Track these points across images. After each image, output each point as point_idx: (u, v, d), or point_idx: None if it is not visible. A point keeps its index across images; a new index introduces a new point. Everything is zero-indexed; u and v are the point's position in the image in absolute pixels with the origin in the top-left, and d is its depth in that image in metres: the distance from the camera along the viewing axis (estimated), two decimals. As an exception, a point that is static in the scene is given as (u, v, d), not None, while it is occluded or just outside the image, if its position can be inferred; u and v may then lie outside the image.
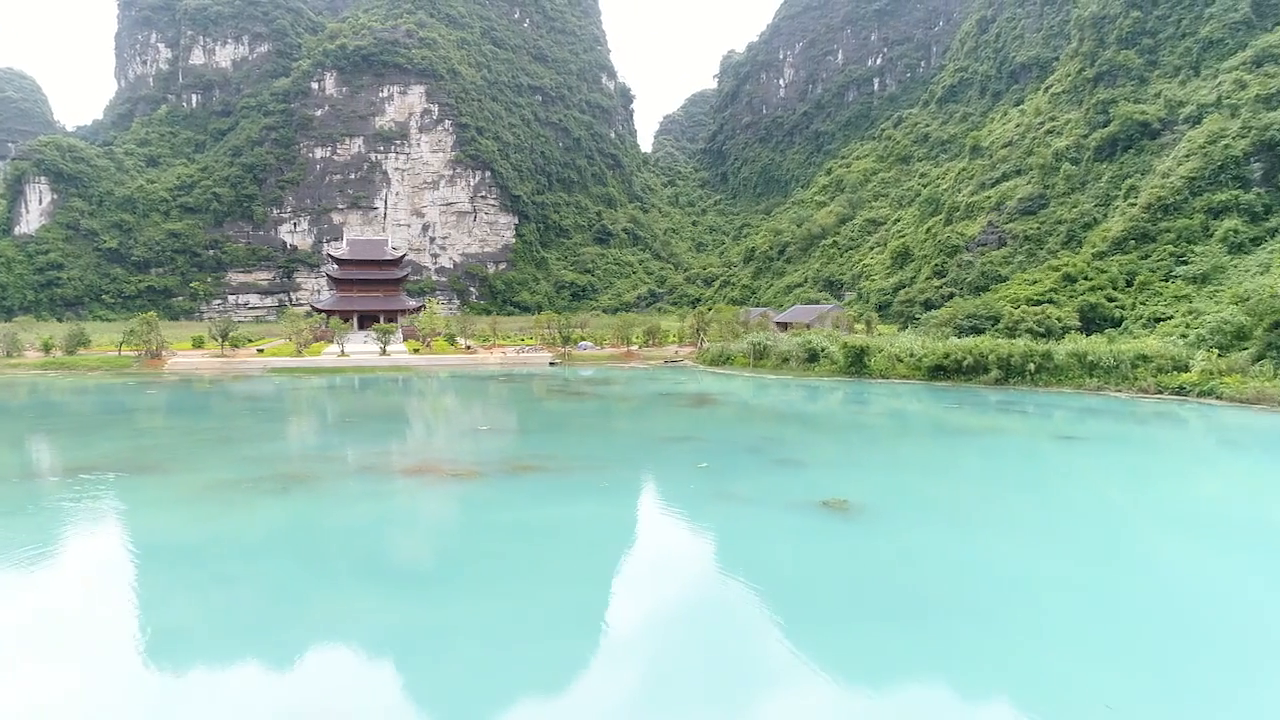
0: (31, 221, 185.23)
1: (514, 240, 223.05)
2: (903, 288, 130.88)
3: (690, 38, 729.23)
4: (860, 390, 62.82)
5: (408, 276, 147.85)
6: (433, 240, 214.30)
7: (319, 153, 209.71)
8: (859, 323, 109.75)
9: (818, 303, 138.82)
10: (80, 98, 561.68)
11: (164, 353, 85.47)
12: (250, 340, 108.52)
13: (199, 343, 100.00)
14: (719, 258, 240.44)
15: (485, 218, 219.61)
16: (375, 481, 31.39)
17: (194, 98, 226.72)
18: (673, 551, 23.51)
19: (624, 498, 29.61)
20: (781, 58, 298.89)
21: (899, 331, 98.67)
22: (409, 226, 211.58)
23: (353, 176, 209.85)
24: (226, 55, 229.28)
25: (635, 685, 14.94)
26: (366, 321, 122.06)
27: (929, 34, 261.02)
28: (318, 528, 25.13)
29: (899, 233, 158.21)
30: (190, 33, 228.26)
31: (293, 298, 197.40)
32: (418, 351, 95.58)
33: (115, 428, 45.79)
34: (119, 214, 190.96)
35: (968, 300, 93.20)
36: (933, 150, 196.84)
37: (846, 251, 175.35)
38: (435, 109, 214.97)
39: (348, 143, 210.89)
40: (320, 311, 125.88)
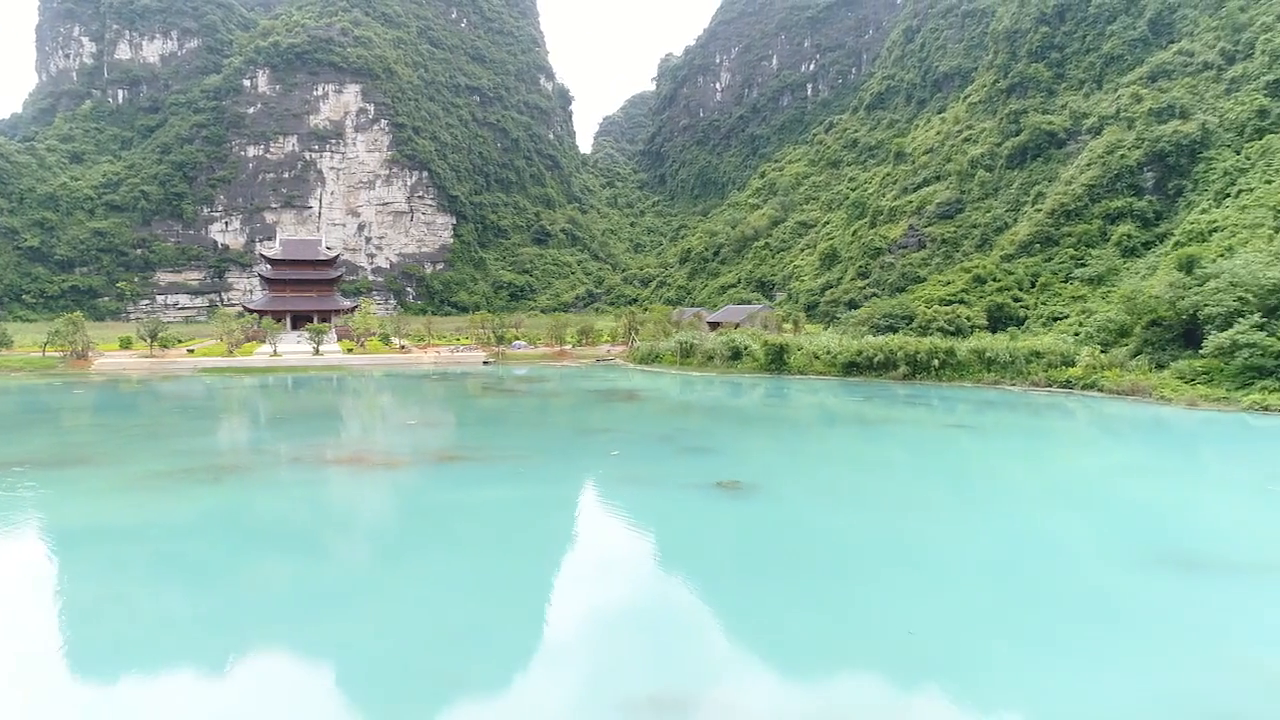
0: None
1: (452, 240, 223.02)
2: (830, 288, 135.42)
3: (630, 39, 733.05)
4: (779, 386, 66.21)
5: (342, 277, 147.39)
6: (369, 240, 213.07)
7: (251, 151, 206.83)
8: (787, 322, 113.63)
9: (749, 303, 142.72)
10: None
11: (90, 353, 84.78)
12: (180, 341, 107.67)
13: (127, 343, 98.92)
14: (656, 258, 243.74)
15: (422, 218, 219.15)
16: (306, 470, 33.24)
17: (120, 93, 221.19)
18: (577, 525, 26.05)
19: (538, 482, 32.00)
20: (718, 62, 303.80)
21: (824, 330, 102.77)
22: (344, 226, 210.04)
23: (286, 175, 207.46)
24: (154, 50, 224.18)
25: (541, 633, 17.41)
26: (300, 322, 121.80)
27: (859, 41, 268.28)
28: (249, 511, 27.00)
29: (828, 235, 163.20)
30: (116, 26, 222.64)
31: (224, 298, 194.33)
32: (352, 351, 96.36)
33: (41, 425, 46.46)
34: (40, 212, 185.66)
35: (885, 300, 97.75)
36: (861, 155, 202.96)
37: (778, 253, 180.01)
38: (371, 108, 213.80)
39: (281, 141, 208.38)
40: (253, 312, 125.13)
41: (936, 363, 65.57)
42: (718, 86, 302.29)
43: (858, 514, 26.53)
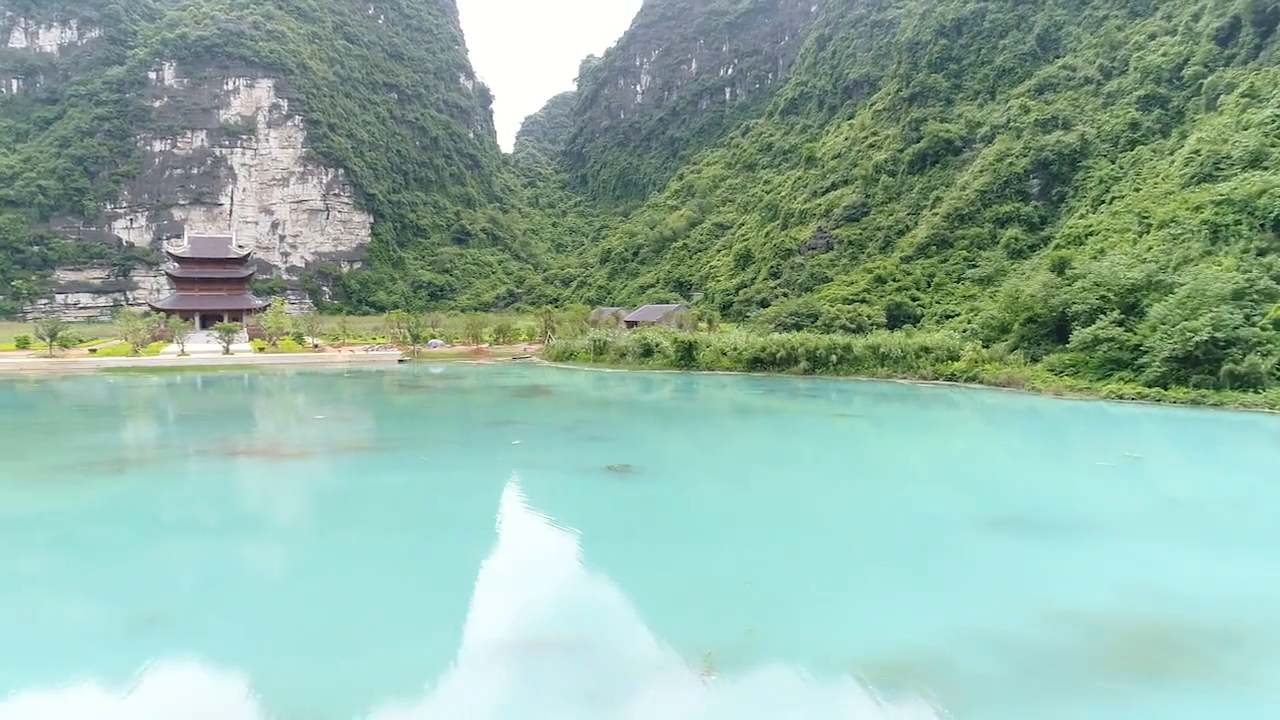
0: None
1: (369, 239, 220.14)
2: (744, 288, 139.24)
3: (552, 39, 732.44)
4: (687, 381, 68.78)
5: (254, 275, 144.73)
6: (283, 239, 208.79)
7: (158, 146, 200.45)
8: (701, 321, 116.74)
9: (667, 303, 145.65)
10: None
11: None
12: (82, 340, 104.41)
13: (24, 343, 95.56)
14: (578, 258, 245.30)
15: (339, 216, 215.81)
16: (211, 462, 33.99)
17: (14, 83, 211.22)
18: (473, 504, 27.71)
19: (439, 469, 33.45)
20: (638, 64, 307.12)
21: (735, 329, 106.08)
22: (257, 224, 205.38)
23: (195, 171, 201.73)
24: (52, 39, 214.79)
25: (442, 593, 19.09)
26: (209, 321, 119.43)
27: (776, 47, 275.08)
28: (153, 498, 27.83)
29: (743, 236, 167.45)
30: (9, 13, 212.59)
31: (129, 297, 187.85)
32: (263, 350, 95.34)
33: (-64, 424, 45.60)
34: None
35: (793, 300, 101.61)
36: (775, 159, 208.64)
37: (696, 254, 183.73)
38: (284, 104, 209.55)
39: (189, 136, 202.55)
40: (159, 311, 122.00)
41: (835, 358, 69.09)
42: (638, 89, 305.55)
43: (736, 493, 28.91)
